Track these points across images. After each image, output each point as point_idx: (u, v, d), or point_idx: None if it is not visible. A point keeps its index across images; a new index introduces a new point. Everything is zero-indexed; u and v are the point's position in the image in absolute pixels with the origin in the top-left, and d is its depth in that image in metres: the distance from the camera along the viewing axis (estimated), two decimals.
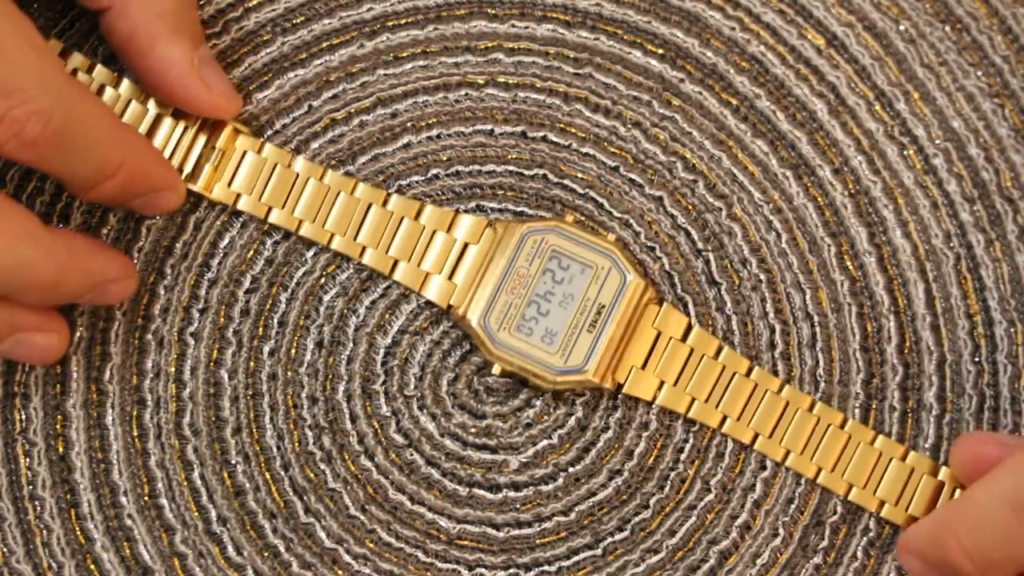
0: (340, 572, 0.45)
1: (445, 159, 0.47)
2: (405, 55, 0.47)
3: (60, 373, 0.46)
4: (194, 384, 0.46)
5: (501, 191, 0.47)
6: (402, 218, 0.46)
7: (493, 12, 0.47)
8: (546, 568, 0.46)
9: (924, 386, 0.46)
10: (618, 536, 0.46)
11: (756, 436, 0.46)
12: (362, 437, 0.46)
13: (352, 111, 0.47)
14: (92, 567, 0.45)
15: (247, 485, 0.46)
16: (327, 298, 0.46)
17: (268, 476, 0.46)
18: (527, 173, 0.47)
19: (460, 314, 0.45)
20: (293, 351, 0.46)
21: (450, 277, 0.45)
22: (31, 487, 0.45)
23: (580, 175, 0.47)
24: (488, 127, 0.47)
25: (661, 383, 0.46)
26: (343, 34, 0.47)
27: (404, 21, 0.47)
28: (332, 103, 0.47)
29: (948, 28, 0.47)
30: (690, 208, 0.47)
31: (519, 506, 0.46)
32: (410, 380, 0.46)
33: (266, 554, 0.45)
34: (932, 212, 0.47)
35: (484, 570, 0.46)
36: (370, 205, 0.46)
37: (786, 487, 0.46)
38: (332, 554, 0.46)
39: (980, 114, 0.47)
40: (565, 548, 0.46)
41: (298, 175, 0.46)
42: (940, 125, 0.47)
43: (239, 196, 0.45)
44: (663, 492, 0.46)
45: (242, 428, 0.46)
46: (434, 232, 0.45)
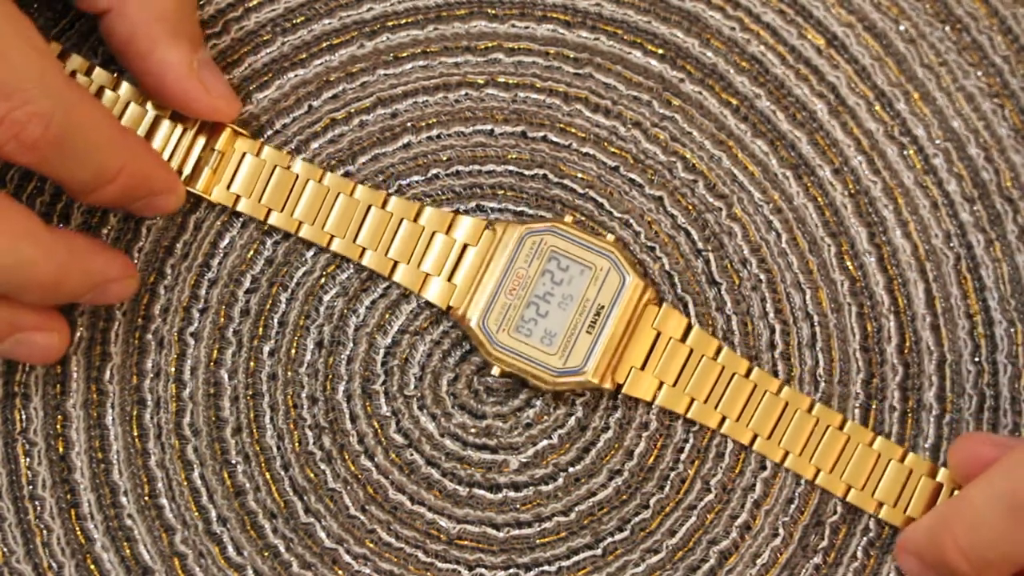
0: (340, 572, 0.46)
1: (445, 159, 0.47)
2: (405, 55, 0.47)
3: (60, 373, 0.46)
4: (194, 384, 0.46)
5: (501, 191, 0.47)
6: (401, 219, 0.46)
7: (493, 12, 0.47)
8: (546, 568, 0.46)
9: (924, 386, 0.46)
10: (618, 536, 0.46)
11: (755, 437, 0.46)
12: (362, 437, 0.46)
13: (352, 111, 0.47)
14: (92, 567, 0.45)
15: (247, 485, 0.46)
16: (327, 298, 0.46)
17: (268, 476, 0.46)
18: (527, 173, 0.47)
19: (459, 315, 0.45)
20: (293, 351, 0.46)
21: (449, 278, 0.45)
22: (31, 487, 0.45)
23: (580, 175, 0.47)
24: (488, 127, 0.47)
25: (660, 383, 0.45)
26: (343, 34, 0.47)
27: (404, 21, 0.47)
28: (332, 103, 0.47)
29: (948, 28, 0.47)
30: (690, 208, 0.47)
31: (519, 506, 0.46)
32: (410, 380, 0.46)
33: (266, 554, 0.46)
34: (932, 212, 0.47)
35: (484, 570, 0.46)
36: (369, 207, 0.46)
37: (786, 487, 0.46)
38: (332, 554, 0.46)
39: (980, 114, 0.47)
40: (565, 548, 0.46)
41: (297, 177, 0.45)
42: (940, 125, 0.47)
43: (238, 198, 0.46)
44: (663, 492, 0.46)
45: (242, 428, 0.46)
46: (433, 233, 0.45)
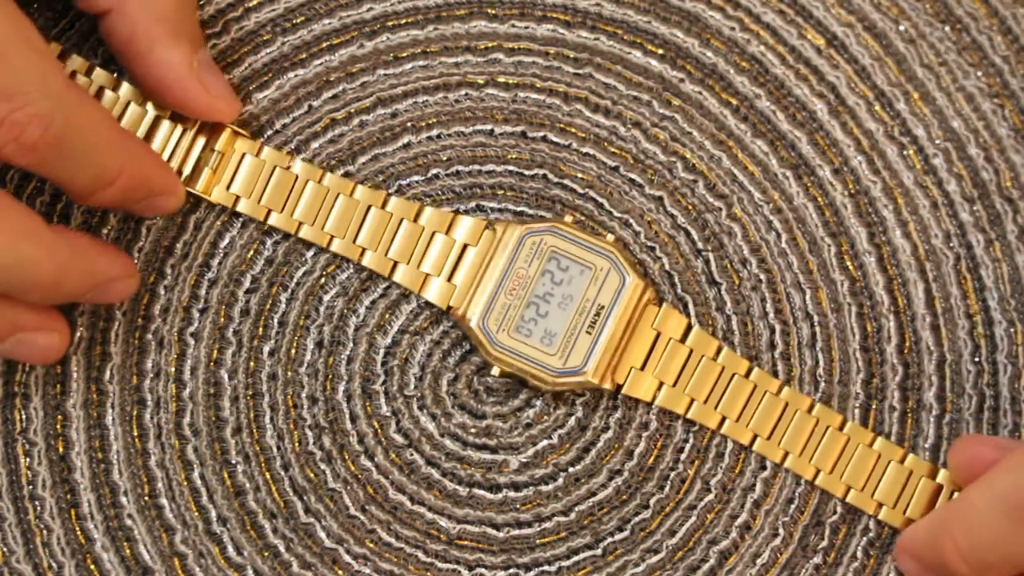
0: (340, 572, 0.46)
1: (445, 159, 0.47)
2: (405, 55, 0.47)
3: (60, 373, 0.46)
4: (194, 384, 0.46)
5: (501, 191, 0.47)
6: (401, 220, 0.46)
7: (493, 12, 0.47)
8: (546, 568, 0.46)
9: (924, 386, 0.46)
10: (618, 536, 0.46)
11: (755, 437, 0.46)
12: (362, 437, 0.46)
13: (352, 111, 0.47)
14: (92, 567, 0.45)
15: (247, 485, 0.46)
16: (327, 298, 0.46)
17: (268, 476, 0.46)
18: (527, 173, 0.47)
19: (459, 315, 0.45)
20: (293, 351, 0.46)
21: (449, 278, 0.45)
22: (31, 487, 0.45)
23: (580, 175, 0.47)
24: (488, 127, 0.47)
25: (660, 384, 0.45)
26: (343, 34, 0.47)
27: (404, 21, 0.47)
28: (332, 103, 0.47)
29: (948, 28, 0.47)
30: (690, 208, 0.47)
31: (519, 506, 0.46)
32: (410, 380, 0.46)
33: (266, 554, 0.46)
34: (932, 212, 0.47)
35: (484, 570, 0.46)
36: (369, 207, 0.46)
37: (786, 487, 0.46)
38: (332, 554, 0.46)
39: (980, 114, 0.47)
40: (565, 548, 0.46)
41: (297, 177, 0.45)
42: (940, 125, 0.47)
43: (238, 198, 0.45)
44: (663, 492, 0.46)
45: (242, 428, 0.46)
46: (433, 234, 0.45)
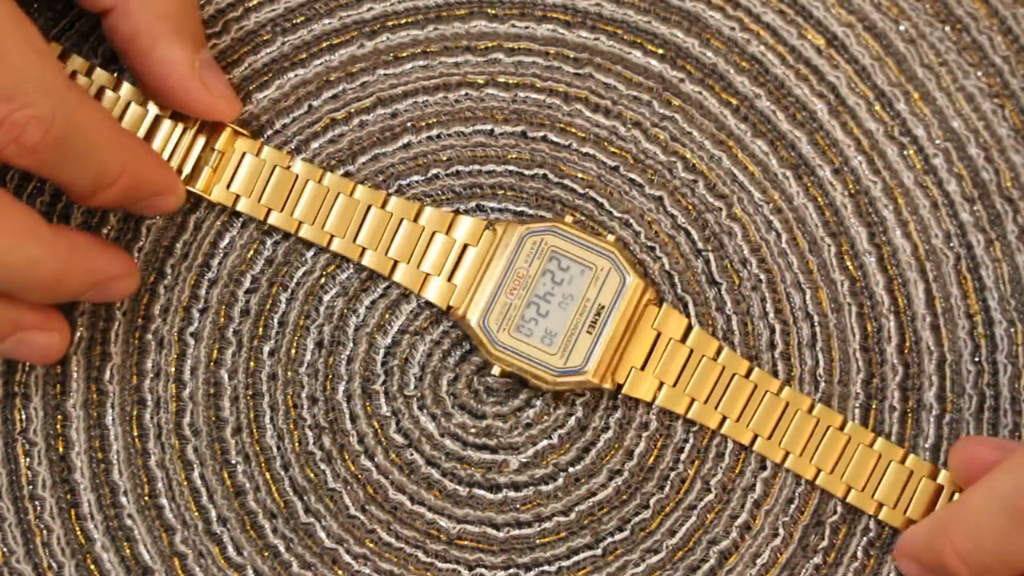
0: (340, 572, 0.46)
1: (445, 159, 0.47)
2: (405, 55, 0.47)
3: (60, 373, 0.46)
4: (194, 384, 0.46)
5: (501, 191, 0.47)
6: (401, 219, 0.46)
7: (493, 12, 0.47)
8: (546, 568, 0.46)
9: (924, 386, 0.46)
10: (618, 536, 0.46)
11: (755, 437, 0.46)
12: (362, 437, 0.46)
13: (352, 111, 0.47)
14: (92, 567, 0.45)
15: (247, 485, 0.46)
16: (327, 298, 0.46)
17: (268, 476, 0.46)
18: (527, 173, 0.47)
19: (460, 315, 0.45)
20: (293, 351, 0.46)
21: (449, 278, 0.45)
22: (31, 487, 0.45)
23: (580, 175, 0.47)
24: (488, 127, 0.47)
25: (660, 384, 0.45)
26: (343, 34, 0.47)
27: (404, 21, 0.47)
28: (332, 103, 0.47)
29: (948, 28, 0.47)
30: (690, 208, 0.47)
31: (519, 506, 0.46)
32: (410, 380, 0.46)
33: (266, 554, 0.46)
34: (932, 212, 0.47)
35: (484, 570, 0.46)
36: (369, 207, 0.46)
37: (786, 487, 0.46)
38: (332, 554, 0.46)
39: (980, 114, 0.47)
40: (565, 548, 0.46)
41: (297, 177, 0.45)
42: (940, 125, 0.47)
43: (238, 198, 0.45)
44: (663, 492, 0.46)
45: (242, 428, 0.46)
46: (433, 233, 0.45)
